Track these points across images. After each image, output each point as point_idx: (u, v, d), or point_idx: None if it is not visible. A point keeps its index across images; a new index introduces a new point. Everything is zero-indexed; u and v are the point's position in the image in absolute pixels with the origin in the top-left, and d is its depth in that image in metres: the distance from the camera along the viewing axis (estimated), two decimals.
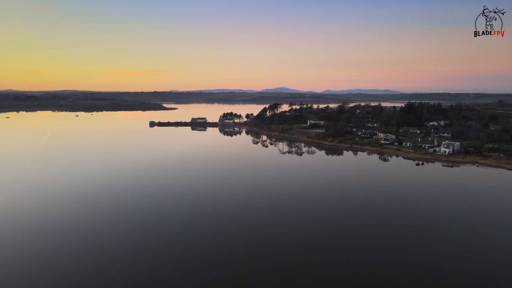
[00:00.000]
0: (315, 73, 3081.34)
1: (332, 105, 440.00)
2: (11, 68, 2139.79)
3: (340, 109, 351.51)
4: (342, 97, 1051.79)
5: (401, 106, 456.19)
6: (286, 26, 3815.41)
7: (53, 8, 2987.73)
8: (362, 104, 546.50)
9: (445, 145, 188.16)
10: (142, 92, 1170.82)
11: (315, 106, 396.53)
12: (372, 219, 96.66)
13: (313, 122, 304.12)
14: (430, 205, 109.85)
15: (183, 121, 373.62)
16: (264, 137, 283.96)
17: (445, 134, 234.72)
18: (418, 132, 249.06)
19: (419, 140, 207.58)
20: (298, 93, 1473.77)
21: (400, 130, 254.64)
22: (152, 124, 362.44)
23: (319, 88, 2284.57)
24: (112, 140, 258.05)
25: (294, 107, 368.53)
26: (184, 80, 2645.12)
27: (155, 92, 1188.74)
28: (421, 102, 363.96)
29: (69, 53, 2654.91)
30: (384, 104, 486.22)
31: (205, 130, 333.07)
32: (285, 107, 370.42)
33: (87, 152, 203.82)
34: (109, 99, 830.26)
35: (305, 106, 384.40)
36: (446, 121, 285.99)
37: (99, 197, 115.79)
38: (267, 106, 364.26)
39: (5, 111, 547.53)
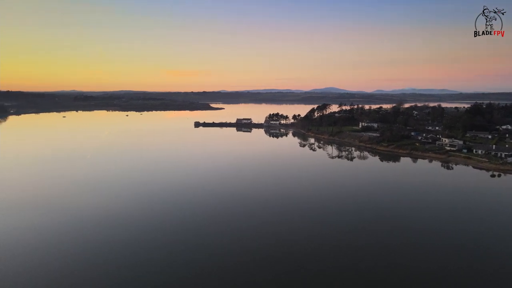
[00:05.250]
0: (365, 72, 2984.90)
1: (385, 106, 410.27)
2: (75, 70, 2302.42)
3: (396, 110, 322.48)
4: (395, 97, 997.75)
5: (464, 107, 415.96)
6: (334, 25, 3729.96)
7: (114, 10, 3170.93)
8: (419, 104, 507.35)
9: None
10: (192, 92, 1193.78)
11: (366, 107, 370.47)
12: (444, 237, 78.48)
13: (365, 124, 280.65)
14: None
15: (228, 121, 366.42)
16: (312, 140, 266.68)
17: None
18: (490, 137, 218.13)
19: (493, 147, 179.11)
20: (347, 93, 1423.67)
21: (467, 135, 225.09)
22: (197, 124, 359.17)
23: (369, 88, 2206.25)
24: (153, 140, 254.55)
25: (344, 107, 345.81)
26: (233, 80, 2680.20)
27: (204, 92, 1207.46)
28: (490, 103, 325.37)
29: (128, 55, 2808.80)
30: (444, 105, 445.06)
31: (250, 132, 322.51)
32: (334, 108, 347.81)
33: (123, 151, 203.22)
34: (159, 99, 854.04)
35: (355, 106, 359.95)
36: None
37: (123, 192, 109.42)
38: (315, 106, 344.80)
39: (65, 111, 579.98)
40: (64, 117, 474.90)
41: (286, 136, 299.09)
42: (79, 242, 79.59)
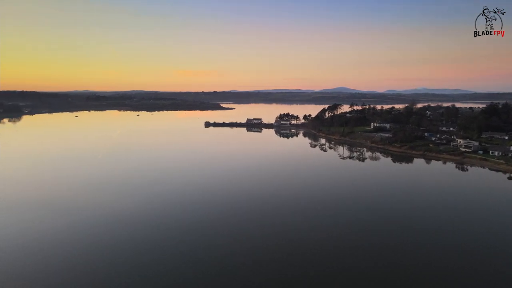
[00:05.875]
0: (376, 72, 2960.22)
1: (397, 106, 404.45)
2: (88, 70, 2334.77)
3: (408, 111, 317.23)
4: (408, 97, 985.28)
5: (479, 107, 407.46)
6: (345, 24, 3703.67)
7: (125, 11, 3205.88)
8: (432, 105, 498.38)
9: None
10: (202, 92, 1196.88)
11: (378, 107, 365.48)
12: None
13: (377, 125, 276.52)
14: None
15: (238, 121, 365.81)
16: (323, 141, 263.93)
17: None
18: (506, 138, 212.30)
19: (510, 149, 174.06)
20: (359, 93, 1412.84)
21: (483, 136, 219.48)
22: (207, 124, 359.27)
23: (381, 88, 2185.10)
24: (163, 140, 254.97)
25: (355, 108, 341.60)
26: (243, 80, 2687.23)
27: (214, 92, 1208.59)
28: (506, 103, 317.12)
29: (140, 55, 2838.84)
30: (457, 105, 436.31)
31: (260, 132, 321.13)
32: (345, 108, 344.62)
33: (133, 150, 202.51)
34: (170, 98, 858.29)
35: (367, 106, 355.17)
36: None
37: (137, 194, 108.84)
38: (326, 106, 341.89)
39: (77, 110, 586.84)
40: (76, 116, 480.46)
41: (297, 136, 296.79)
42: (83, 242, 79.11)
